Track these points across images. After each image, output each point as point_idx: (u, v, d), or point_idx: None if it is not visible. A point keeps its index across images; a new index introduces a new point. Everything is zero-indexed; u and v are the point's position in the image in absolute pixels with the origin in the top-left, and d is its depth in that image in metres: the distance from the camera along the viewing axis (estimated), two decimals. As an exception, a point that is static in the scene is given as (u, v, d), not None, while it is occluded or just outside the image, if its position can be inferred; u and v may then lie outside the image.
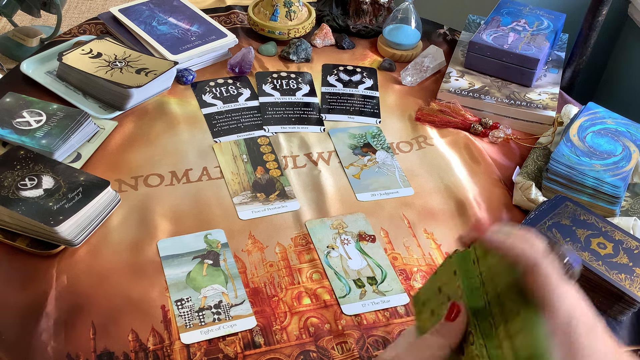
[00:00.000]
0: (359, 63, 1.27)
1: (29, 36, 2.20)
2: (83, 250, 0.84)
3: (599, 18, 1.44)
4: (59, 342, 0.73)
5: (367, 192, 0.98)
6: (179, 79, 1.16)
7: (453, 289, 0.52)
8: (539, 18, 1.27)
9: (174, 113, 1.09)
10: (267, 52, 1.26)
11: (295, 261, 0.86)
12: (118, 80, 1.05)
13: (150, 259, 0.84)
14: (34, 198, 0.84)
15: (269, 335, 0.77)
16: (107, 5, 2.86)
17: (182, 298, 0.80)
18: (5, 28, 2.65)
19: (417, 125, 1.13)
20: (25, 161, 0.89)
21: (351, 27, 1.34)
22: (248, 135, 1.06)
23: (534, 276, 0.46)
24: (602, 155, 0.97)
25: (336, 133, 1.09)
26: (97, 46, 1.14)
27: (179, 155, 1.01)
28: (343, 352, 0.76)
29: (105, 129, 1.03)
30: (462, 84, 1.17)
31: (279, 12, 1.26)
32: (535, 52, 1.16)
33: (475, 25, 1.34)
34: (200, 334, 0.76)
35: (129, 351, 0.73)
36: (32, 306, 0.77)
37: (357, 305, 0.81)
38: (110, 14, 1.25)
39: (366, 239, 0.90)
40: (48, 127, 0.97)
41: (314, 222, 0.92)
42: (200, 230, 0.89)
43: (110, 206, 0.89)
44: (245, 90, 1.16)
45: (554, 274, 0.46)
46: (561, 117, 1.11)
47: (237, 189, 0.96)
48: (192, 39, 1.21)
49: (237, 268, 0.84)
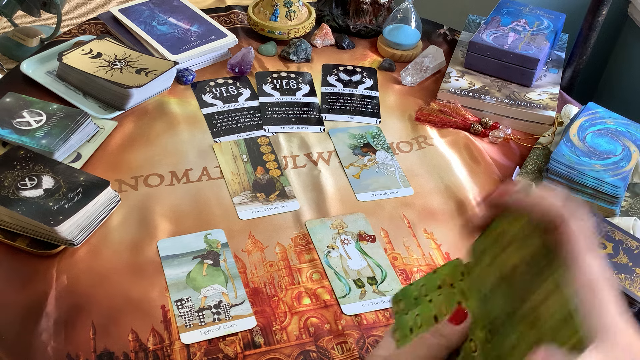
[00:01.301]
0: (359, 63, 1.27)
1: (29, 36, 2.20)
2: (83, 250, 0.84)
3: (599, 18, 1.44)
4: (59, 342, 0.73)
5: (367, 192, 0.98)
6: (179, 79, 1.16)
7: (456, 291, 0.51)
8: (539, 18, 1.27)
9: (174, 113, 1.09)
10: (267, 52, 1.26)
11: (295, 261, 0.86)
12: (118, 80, 1.05)
13: (150, 259, 0.84)
14: (34, 198, 0.84)
15: (269, 335, 0.77)
16: (107, 5, 2.86)
17: (182, 298, 0.80)
18: (5, 28, 2.65)
19: (417, 125, 1.13)
20: (25, 161, 0.89)
21: (351, 27, 1.34)
22: (248, 135, 1.06)
23: (564, 231, 0.44)
24: (602, 155, 0.97)
25: (336, 133, 1.09)
26: (97, 46, 1.14)
27: (179, 155, 1.01)
28: (343, 352, 0.76)
29: (105, 129, 1.03)
30: (462, 84, 1.17)
31: (279, 12, 1.27)
32: (535, 52, 1.16)
33: (475, 25, 1.34)
34: (200, 334, 0.76)
35: (129, 351, 0.73)
36: (32, 306, 0.77)
37: (357, 305, 0.81)
38: (110, 14, 1.25)
39: (366, 239, 0.90)
40: (48, 127, 0.97)
41: (314, 222, 0.92)
42: (200, 230, 0.89)
43: (110, 206, 0.89)
44: (245, 90, 1.16)
45: (582, 231, 0.44)
46: (561, 117, 1.11)
47: (237, 189, 0.96)
48: (192, 39, 1.21)
49: (237, 268, 0.84)
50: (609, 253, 0.83)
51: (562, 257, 0.44)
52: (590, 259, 0.44)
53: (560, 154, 0.96)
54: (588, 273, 0.43)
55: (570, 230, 0.44)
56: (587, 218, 0.46)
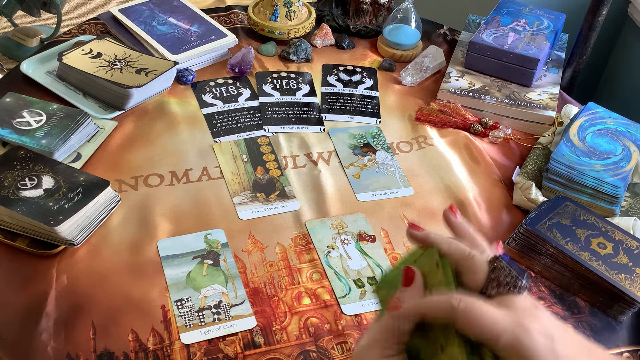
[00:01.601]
0: (359, 63, 1.27)
1: (29, 36, 2.20)
2: (83, 250, 0.84)
3: (599, 18, 1.44)
4: (59, 342, 0.73)
5: (367, 192, 0.98)
6: (179, 79, 1.16)
7: (436, 280, 0.50)
8: (539, 18, 1.27)
9: (174, 113, 1.09)
10: (267, 52, 1.26)
11: (295, 261, 0.86)
12: (118, 80, 1.05)
13: (150, 259, 0.84)
14: (34, 198, 0.84)
15: (269, 335, 0.77)
16: (107, 5, 2.86)
17: (182, 298, 0.80)
18: (5, 28, 2.65)
19: (417, 125, 1.13)
20: (25, 161, 0.89)
21: (351, 27, 1.34)
22: (248, 135, 1.06)
23: (465, 319, 0.44)
24: (602, 155, 0.97)
25: (336, 133, 1.09)
26: (97, 46, 1.14)
27: (179, 155, 1.01)
28: (343, 352, 0.76)
29: (105, 129, 1.03)
30: (462, 84, 1.17)
31: (279, 12, 1.27)
32: (535, 52, 1.16)
33: (475, 25, 1.34)
34: (200, 334, 0.76)
35: (129, 351, 0.73)
36: (32, 306, 0.77)
37: (357, 305, 0.81)
38: (110, 14, 1.25)
39: (366, 239, 0.90)
40: (48, 127, 0.97)
41: (314, 222, 0.92)
42: (200, 230, 0.89)
43: (110, 206, 0.89)
44: (245, 90, 1.16)
45: (487, 308, 0.44)
46: (561, 117, 1.11)
47: (237, 189, 0.96)
48: (192, 39, 1.21)
49: (237, 268, 0.84)
50: (609, 253, 0.83)
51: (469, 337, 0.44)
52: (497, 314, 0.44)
53: (560, 154, 0.96)
54: (507, 332, 0.44)
55: (473, 314, 0.44)
56: (504, 276, 0.48)
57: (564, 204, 0.90)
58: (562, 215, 0.88)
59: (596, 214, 0.89)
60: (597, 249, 0.83)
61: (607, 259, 0.82)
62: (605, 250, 0.83)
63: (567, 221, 0.87)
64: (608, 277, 0.80)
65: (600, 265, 0.81)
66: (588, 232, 0.86)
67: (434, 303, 0.46)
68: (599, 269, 0.81)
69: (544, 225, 0.86)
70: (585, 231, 0.86)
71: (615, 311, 0.82)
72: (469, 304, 0.45)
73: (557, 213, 0.88)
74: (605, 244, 0.84)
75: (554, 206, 0.89)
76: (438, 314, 0.46)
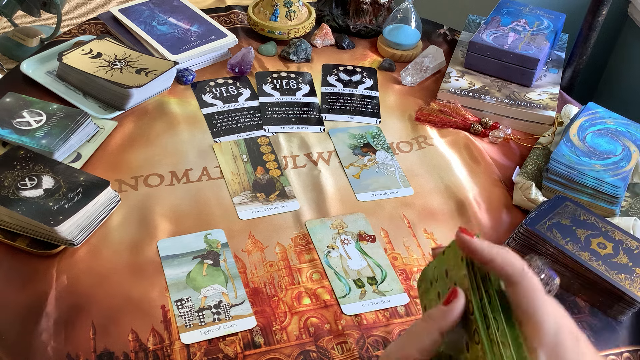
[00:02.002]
0: (359, 63, 1.27)
1: (29, 36, 2.20)
2: (83, 250, 0.84)
3: (599, 18, 1.44)
4: (59, 342, 0.73)
5: (367, 192, 0.98)
6: (179, 79, 1.16)
7: (459, 277, 0.51)
8: (539, 18, 1.28)
9: (174, 113, 1.09)
10: (267, 52, 1.27)
11: (295, 261, 0.86)
12: (118, 80, 1.05)
13: (150, 259, 0.84)
14: (34, 198, 0.84)
15: (269, 335, 0.77)
16: (107, 5, 2.86)
17: (182, 298, 0.80)
18: (5, 28, 2.65)
19: (417, 125, 1.13)
20: (25, 161, 0.89)
21: (351, 27, 1.34)
22: (248, 135, 1.06)
23: (520, 289, 0.47)
24: (602, 155, 0.97)
25: (336, 133, 1.09)
26: (97, 46, 1.14)
27: (179, 155, 1.01)
28: (343, 352, 0.76)
29: (105, 129, 1.03)
30: (462, 84, 1.17)
31: (279, 12, 1.27)
32: (535, 52, 1.16)
33: (475, 25, 1.34)
34: (200, 334, 0.76)
35: (129, 351, 0.73)
36: (32, 306, 0.77)
37: (357, 305, 0.81)
38: (110, 14, 1.25)
39: (366, 239, 0.90)
40: (48, 127, 0.97)
41: (314, 222, 0.92)
42: (200, 230, 0.89)
43: (110, 206, 0.89)
44: (245, 90, 1.16)
45: (539, 288, 0.47)
46: (561, 117, 1.11)
47: (237, 189, 0.96)
48: (192, 39, 1.21)
49: (237, 268, 0.84)
50: (609, 253, 0.83)
51: (516, 312, 0.46)
52: (549, 309, 0.46)
53: (560, 154, 0.96)
54: (548, 325, 0.45)
55: (528, 288, 0.47)
56: (537, 273, 0.49)
57: (564, 204, 0.90)
58: (562, 215, 0.88)
59: (596, 214, 0.89)
60: (597, 249, 0.83)
61: (607, 259, 0.82)
62: (605, 250, 0.83)
63: (567, 221, 0.87)
64: (608, 277, 0.80)
65: (600, 265, 0.81)
66: (588, 232, 0.86)
67: (510, 258, 0.48)
68: (599, 269, 0.81)
69: (544, 225, 0.86)
70: (585, 231, 0.86)
71: (615, 311, 0.82)
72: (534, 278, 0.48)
73: (557, 213, 0.88)
74: (605, 244, 0.84)
75: (554, 206, 0.89)
76: (508, 270, 0.48)
